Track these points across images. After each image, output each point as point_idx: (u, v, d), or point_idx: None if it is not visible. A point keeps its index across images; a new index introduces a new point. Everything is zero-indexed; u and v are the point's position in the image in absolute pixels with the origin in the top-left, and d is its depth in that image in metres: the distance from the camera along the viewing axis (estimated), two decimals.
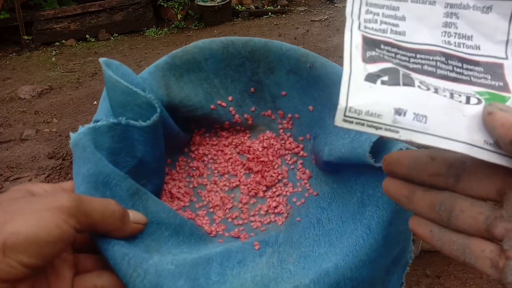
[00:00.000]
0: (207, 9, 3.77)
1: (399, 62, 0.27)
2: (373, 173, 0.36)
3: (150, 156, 0.38)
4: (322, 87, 0.43)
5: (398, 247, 0.36)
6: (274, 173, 0.46)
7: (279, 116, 0.47)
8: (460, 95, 0.25)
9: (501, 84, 0.26)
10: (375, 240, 0.33)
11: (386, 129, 0.24)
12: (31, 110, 2.18)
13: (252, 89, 0.47)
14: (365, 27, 0.28)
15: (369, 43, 0.27)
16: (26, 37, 3.59)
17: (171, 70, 0.44)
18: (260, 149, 0.47)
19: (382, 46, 0.27)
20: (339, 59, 2.38)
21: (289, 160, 0.47)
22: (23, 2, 3.63)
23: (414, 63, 0.27)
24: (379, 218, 0.34)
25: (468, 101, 0.25)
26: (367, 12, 0.28)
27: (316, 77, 0.43)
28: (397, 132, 0.24)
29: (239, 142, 0.48)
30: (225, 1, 3.77)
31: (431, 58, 0.27)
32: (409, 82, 0.25)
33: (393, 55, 0.27)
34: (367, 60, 0.26)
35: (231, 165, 0.47)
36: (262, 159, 0.47)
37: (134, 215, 0.33)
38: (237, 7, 4.05)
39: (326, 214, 0.39)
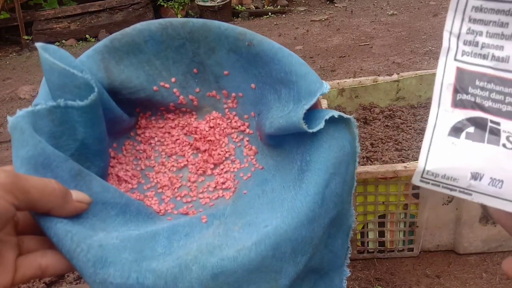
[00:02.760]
0: (207, 9, 3.77)
1: (492, 105, 0.25)
2: (310, 141, 0.38)
3: (92, 137, 0.38)
4: (261, 64, 0.43)
5: (335, 209, 0.37)
6: (222, 151, 0.47)
7: (224, 95, 0.47)
8: None
9: None
10: (313, 202, 0.35)
11: (460, 191, 0.24)
12: None
13: (194, 70, 0.47)
14: (463, 53, 0.26)
15: (463, 80, 0.25)
16: (26, 37, 3.59)
17: (111, 53, 0.44)
18: (207, 129, 0.48)
19: (477, 83, 0.25)
20: (339, 59, 2.36)
21: (236, 138, 0.47)
22: (23, 2, 3.63)
23: (508, 104, 0.24)
24: (316, 181, 0.36)
25: None
26: (469, 31, 0.25)
27: (254, 55, 0.43)
28: (470, 195, 0.24)
29: (186, 123, 0.48)
30: (225, 1, 3.77)
31: None
32: (494, 140, 0.24)
33: (487, 94, 0.25)
34: (456, 104, 0.25)
35: (178, 146, 0.48)
36: (209, 138, 0.47)
37: (77, 194, 0.33)
38: (237, 7, 4.05)
39: (270, 185, 0.41)
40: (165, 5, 3.87)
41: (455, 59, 0.26)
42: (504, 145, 0.24)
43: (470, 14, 0.25)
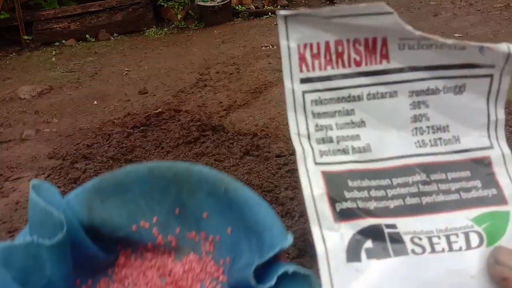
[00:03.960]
0: (207, 9, 3.77)
1: (377, 205, 0.21)
2: None
3: (58, 275, 0.39)
4: (235, 210, 0.45)
5: None
6: None
7: (202, 238, 0.49)
8: (457, 236, 0.21)
9: (494, 192, 0.22)
10: None
11: None
12: (31, 110, 2.18)
13: (177, 210, 0.49)
14: (321, 154, 0.22)
15: (334, 185, 0.22)
16: (26, 37, 3.59)
17: (97, 192, 0.47)
18: (181, 273, 0.49)
19: (350, 184, 0.22)
20: None
21: (208, 285, 0.48)
22: (23, 2, 3.62)
23: (393, 197, 0.21)
24: None
25: (468, 243, 0.21)
26: (317, 128, 0.22)
27: (230, 200, 0.46)
28: None
29: (162, 264, 0.50)
30: (225, 1, 3.77)
31: (410, 181, 0.22)
32: (400, 250, 0.20)
33: (366, 194, 0.21)
34: (339, 217, 0.21)
35: None
36: (180, 283, 0.48)
37: None
38: (237, 7, 4.04)
39: None
40: (165, 5, 3.87)
41: (316, 163, 0.22)
42: (413, 251, 0.20)
43: (312, 108, 0.22)
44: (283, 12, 0.21)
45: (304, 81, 0.22)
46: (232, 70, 2.45)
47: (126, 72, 2.70)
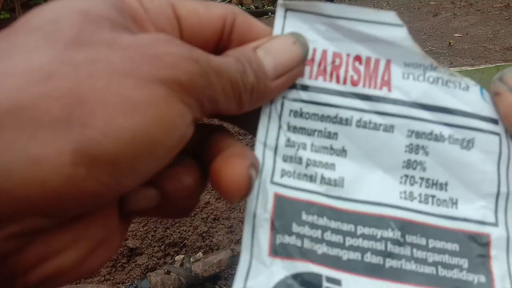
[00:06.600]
0: None
1: (327, 251, 0.17)
2: None
3: None
4: None
5: None
6: None
7: None
8: None
9: (482, 279, 0.17)
10: None
11: None
12: None
13: None
14: (283, 174, 0.18)
15: (284, 213, 0.18)
16: None
17: None
18: None
19: (304, 217, 0.18)
20: None
21: None
22: (23, 2, 3.62)
23: (351, 248, 0.17)
24: None
25: None
26: (288, 143, 0.18)
27: None
28: None
29: None
30: (225, 1, 3.77)
31: (378, 235, 0.17)
32: None
33: (319, 235, 0.17)
34: (275, 251, 0.17)
35: None
36: None
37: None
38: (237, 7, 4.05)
39: None
40: None
41: (272, 182, 0.18)
42: None
43: (289, 120, 0.18)
44: (283, 2, 0.17)
45: None
46: None
47: None
